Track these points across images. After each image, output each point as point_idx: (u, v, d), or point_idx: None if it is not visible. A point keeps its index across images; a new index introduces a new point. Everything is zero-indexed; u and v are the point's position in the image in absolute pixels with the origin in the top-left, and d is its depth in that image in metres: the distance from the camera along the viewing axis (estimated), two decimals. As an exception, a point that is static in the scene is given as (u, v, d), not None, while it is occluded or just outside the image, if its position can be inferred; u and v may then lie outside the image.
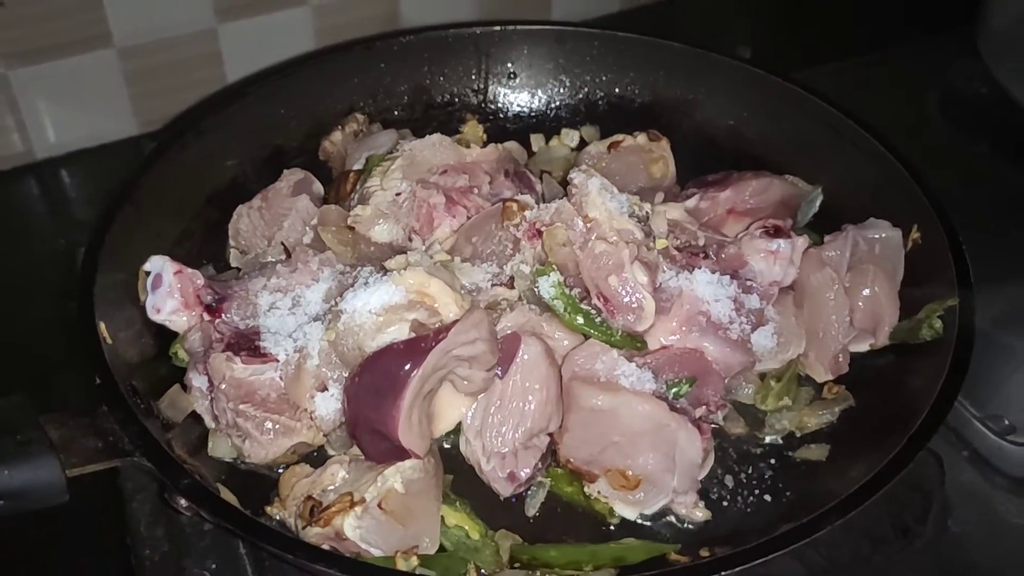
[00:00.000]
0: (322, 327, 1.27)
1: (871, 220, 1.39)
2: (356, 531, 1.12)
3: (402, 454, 1.19)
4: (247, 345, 1.28)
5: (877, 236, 1.36)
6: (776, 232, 1.35)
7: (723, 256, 1.35)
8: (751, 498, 1.27)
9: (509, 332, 1.28)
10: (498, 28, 1.68)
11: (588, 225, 1.31)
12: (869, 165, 1.47)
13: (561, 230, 1.31)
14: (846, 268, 1.34)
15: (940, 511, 1.32)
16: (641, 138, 1.59)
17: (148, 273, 1.35)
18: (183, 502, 1.11)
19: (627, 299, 1.28)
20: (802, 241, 1.35)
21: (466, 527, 1.21)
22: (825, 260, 1.33)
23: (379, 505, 1.15)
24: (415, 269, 1.26)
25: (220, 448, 1.26)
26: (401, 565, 1.13)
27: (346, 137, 1.63)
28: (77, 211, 1.87)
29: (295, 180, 1.53)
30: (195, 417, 1.29)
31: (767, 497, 1.26)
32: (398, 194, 1.44)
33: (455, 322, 1.21)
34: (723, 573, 1.05)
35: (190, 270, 1.35)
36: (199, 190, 1.51)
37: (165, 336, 1.35)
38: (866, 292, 1.33)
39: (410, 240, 1.43)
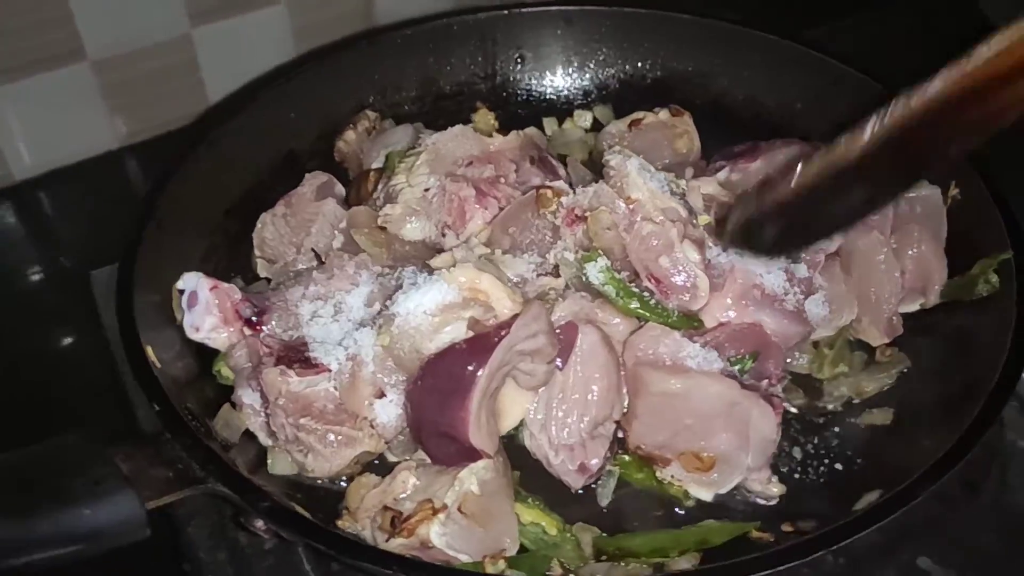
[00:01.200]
0: (372, 333, 1.23)
1: (908, 180, 1.38)
2: (442, 538, 1.09)
3: (472, 455, 1.17)
4: (297, 357, 1.24)
5: (916, 195, 1.36)
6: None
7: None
8: (822, 468, 1.26)
9: (565, 322, 1.25)
10: (504, 12, 1.65)
11: (631, 207, 1.29)
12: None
13: (606, 214, 1.29)
14: (890, 230, 1.33)
15: (1000, 467, 1.32)
16: (663, 114, 1.57)
17: (182, 291, 1.30)
18: (259, 524, 1.08)
19: (680, 278, 1.26)
20: None
21: (542, 523, 1.18)
22: (871, 224, 1.32)
23: (459, 509, 1.13)
24: (464, 266, 1.23)
25: (280, 464, 1.23)
26: (490, 569, 1.10)
27: (360, 136, 1.59)
28: (61, 232, 1.80)
29: (318, 184, 1.49)
30: (248, 435, 1.25)
31: (838, 466, 1.26)
32: (426, 190, 1.41)
33: (515, 317, 1.18)
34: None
35: (226, 284, 1.31)
36: (217, 203, 1.46)
37: (204, 354, 1.31)
38: (912, 252, 1.33)
39: (443, 236, 1.40)
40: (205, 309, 1.29)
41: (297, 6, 1.86)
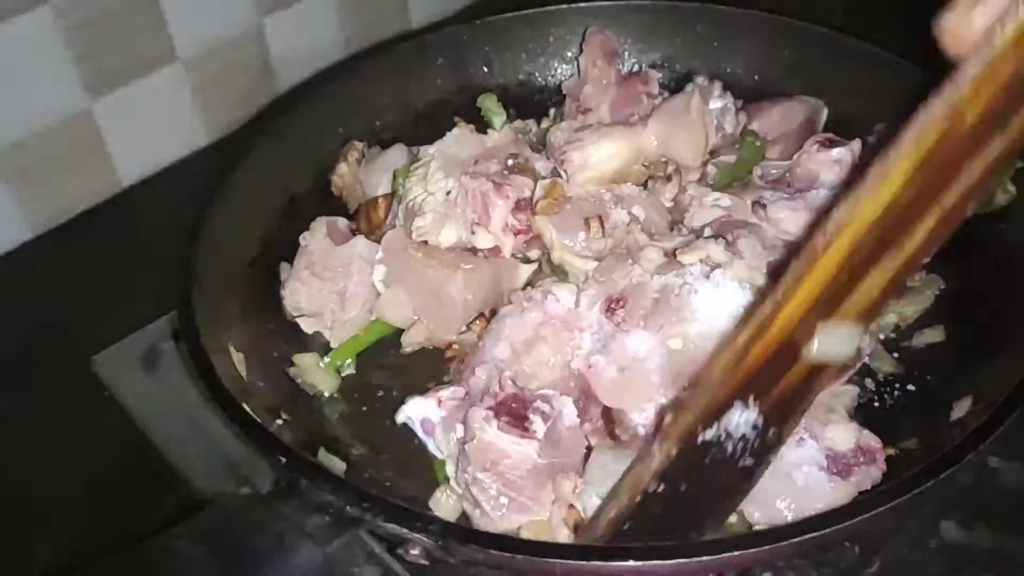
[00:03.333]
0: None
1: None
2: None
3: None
4: (516, 412, 1.18)
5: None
6: (831, 143, 1.41)
7: (797, 179, 1.40)
8: (896, 393, 1.32)
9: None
10: (467, 24, 1.67)
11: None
12: (868, 73, 1.56)
13: None
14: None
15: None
16: None
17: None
18: (416, 552, 1.05)
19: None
20: (857, 143, 1.41)
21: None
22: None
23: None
24: (738, 262, 1.21)
25: (445, 508, 1.20)
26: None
27: (352, 166, 1.57)
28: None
29: (324, 231, 1.44)
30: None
31: (911, 387, 1.33)
32: (448, 192, 1.41)
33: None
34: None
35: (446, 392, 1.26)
36: (240, 256, 1.42)
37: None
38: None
39: (473, 233, 1.40)
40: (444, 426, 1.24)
41: (192, 61, 1.82)
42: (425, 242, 1.38)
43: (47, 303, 1.64)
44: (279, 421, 1.24)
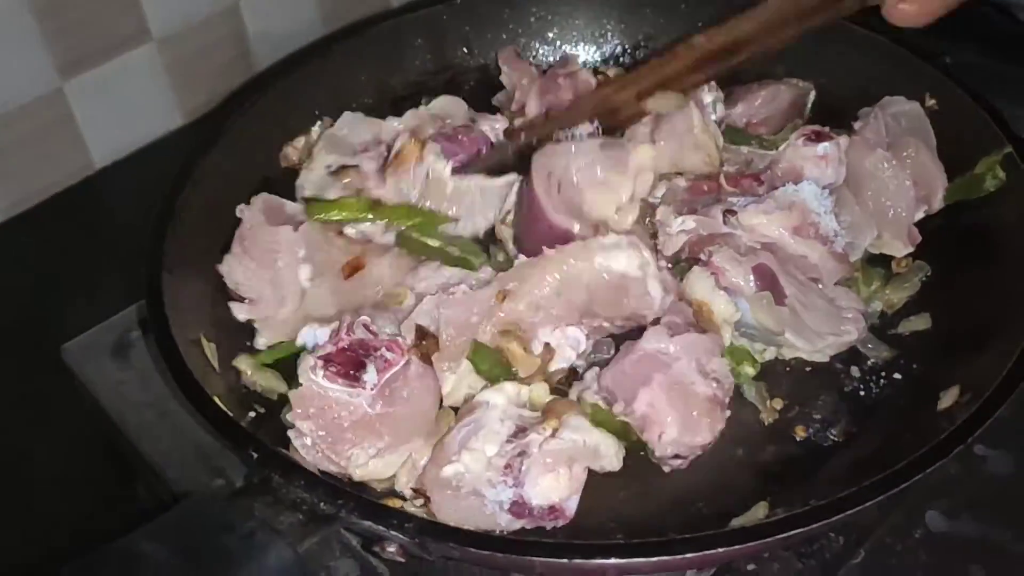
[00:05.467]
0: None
1: (885, 99, 1.45)
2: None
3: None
4: (353, 360, 1.15)
5: (899, 110, 1.43)
6: (818, 137, 1.38)
7: (779, 173, 1.37)
8: (882, 381, 1.30)
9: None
10: (445, 4, 1.63)
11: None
12: (856, 53, 1.53)
13: None
14: (887, 146, 1.40)
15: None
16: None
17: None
18: (393, 548, 1.03)
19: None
20: (844, 139, 1.38)
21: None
22: (871, 141, 1.38)
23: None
24: None
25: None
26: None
27: (311, 141, 1.53)
28: None
29: (262, 208, 1.37)
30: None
31: (897, 376, 1.30)
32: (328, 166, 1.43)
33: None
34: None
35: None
36: (214, 244, 1.37)
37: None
38: (911, 163, 1.39)
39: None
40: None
41: (167, 41, 1.78)
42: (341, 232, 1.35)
43: (16, 289, 1.61)
44: (252, 414, 1.21)
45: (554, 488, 1.09)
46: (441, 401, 1.21)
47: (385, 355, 1.16)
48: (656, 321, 1.23)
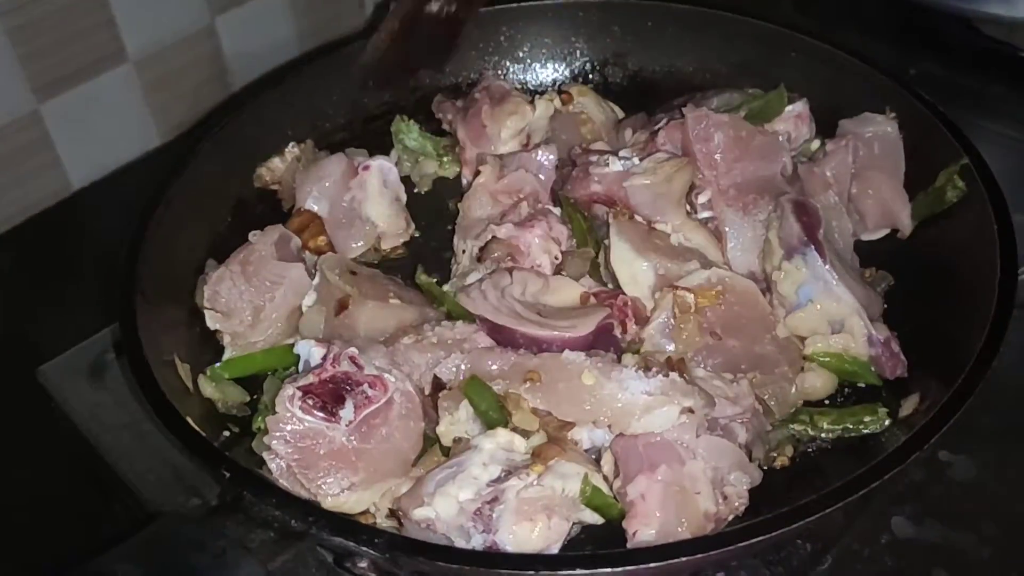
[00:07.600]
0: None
1: (865, 115, 1.47)
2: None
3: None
4: (333, 393, 1.15)
5: (874, 134, 1.45)
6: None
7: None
8: (846, 390, 1.32)
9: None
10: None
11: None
12: (817, 66, 1.56)
13: None
14: (850, 180, 1.43)
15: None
16: (556, 101, 1.58)
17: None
18: (363, 565, 1.04)
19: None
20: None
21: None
22: (828, 180, 1.41)
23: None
24: None
25: None
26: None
27: (290, 165, 1.55)
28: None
29: (272, 241, 1.39)
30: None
31: (861, 384, 1.32)
32: None
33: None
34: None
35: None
36: (187, 265, 1.39)
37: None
38: (872, 195, 1.43)
39: None
40: None
41: (143, 63, 1.79)
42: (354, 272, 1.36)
43: (-7, 311, 1.62)
44: (227, 433, 1.23)
45: (528, 537, 1.08)
46: (438, 440, 1.21)
47: (367, 391, 1.16)
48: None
